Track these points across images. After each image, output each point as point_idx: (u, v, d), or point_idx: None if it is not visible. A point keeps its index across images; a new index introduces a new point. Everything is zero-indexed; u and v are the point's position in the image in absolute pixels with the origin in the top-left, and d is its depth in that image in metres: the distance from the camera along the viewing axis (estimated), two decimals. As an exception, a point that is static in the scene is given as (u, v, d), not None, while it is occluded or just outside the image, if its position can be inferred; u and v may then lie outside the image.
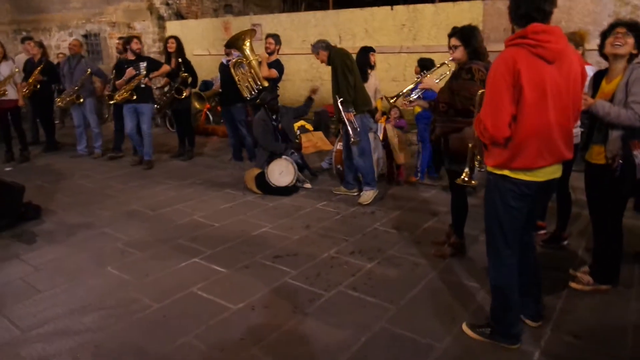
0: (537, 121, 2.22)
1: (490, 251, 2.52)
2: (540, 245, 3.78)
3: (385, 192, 5.26)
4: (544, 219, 4.03)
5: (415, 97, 3.62)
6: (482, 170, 2.78)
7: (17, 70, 6.61)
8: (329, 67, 4.92)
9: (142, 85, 6.30)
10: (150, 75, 6.36)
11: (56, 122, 9.92)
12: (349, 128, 4.72)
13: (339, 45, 8.40)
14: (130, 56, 6.35)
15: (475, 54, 3.29)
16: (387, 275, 3.36)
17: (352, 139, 4.72)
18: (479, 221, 4.17)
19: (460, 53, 3.34)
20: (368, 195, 4.88)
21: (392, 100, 3.87)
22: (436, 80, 3.61)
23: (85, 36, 11.06)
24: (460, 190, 3.60)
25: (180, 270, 3.49)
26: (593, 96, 3.12)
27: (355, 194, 5.09)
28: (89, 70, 6.75)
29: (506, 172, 2.31)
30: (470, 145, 2.84)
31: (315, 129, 7.99)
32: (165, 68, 6.61)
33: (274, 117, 5.49)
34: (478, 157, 2.84)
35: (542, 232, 3.99)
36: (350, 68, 4.73)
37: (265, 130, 5.39)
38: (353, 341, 2.60)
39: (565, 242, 3.79)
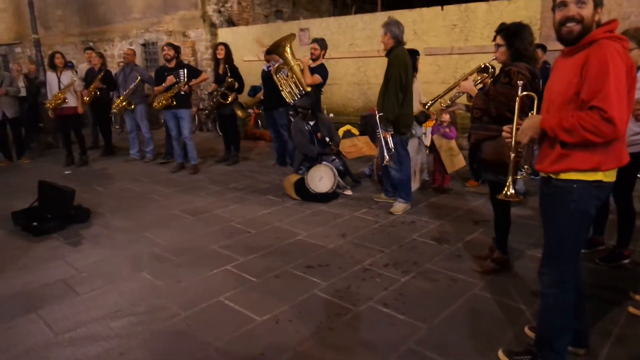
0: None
1: (554, 267, 2.20)
2: (597, 263, 3.44)
3: (429, 200, 5.03)
4: (602, 234, 3.67)
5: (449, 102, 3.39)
6: (530, 177, 2.49)
7: (75, 79, 6.99)
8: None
9: (182, 93, 6.44)
10: (190, 83, 6.50)
11: (116, 127, 10.50)
12: (384, 147, 4.48)
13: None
14: (171, 64, 6.51)
15: (517, 55, 3.03)
16: (422, 291, 3.17)
17: (385, 159, 4.50)
18: (526, 234, 3.92)
19: (502, 53, 3.10)
20: (400, 207, 4.70)
21: (427, 106, 3.67)
22: (477, 83, 3.37)
23: (144, 45, 11.58)
24: (503, 203, 3.32)
25: (211, 277, 3.49)
26: None
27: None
28: (139, 77, 7.01)
29: (600, 177, 2.02)
30: (512, 155, 2.56)
31: (361, 134, 7.84)
32: (204, 76, 6.78)
33: (310, 123, 5.42)
34: (525, 167, 2.57)
35: (601, 248, 3.63)
36: (403, 84, 4.39)
37: (301, 133, 5.35)
38: (377, 362, 2.45)
39: (627, 261, 3.41)
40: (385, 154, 4.48)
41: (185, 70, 6.53)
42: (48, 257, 3.96)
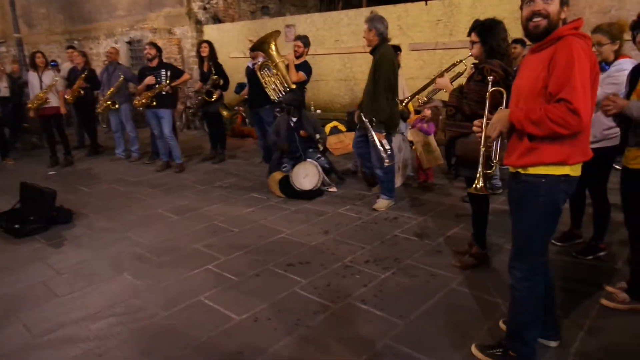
0: (592, 110, 2.05)
1: (525, 261, 2.23)
2: (573, 256, 3.49)
3: (413, 195, 5.07)
4: (579, 227, 3.72)
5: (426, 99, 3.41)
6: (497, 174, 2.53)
7: (57, 79, 6.93)
8: (363, 67, 4.68)
9: (163, 93, 6.42)
10: (172, 84, 6.46)
11: (103, 126, 10.40)
12: (380, 149, 4.39)
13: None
14: (153, 63, 6.47)
15: (492, 52, 3.05)
16: (401, 287, 3.20)
17: (385, 163, 4.45)
18: (505, 229, 3.93)
19: (477, 50, 3.12)
20: (384, 203, 4.73)
21: (403, 104, 3.69)
22: (453, 80, 3.39)
23: (129, 42, 11.49)
24: (480, 198, 3.36)
25: (192, 277, 3.49)
26: (630, 93, 2.82)
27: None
28: (122, 76, 6.96)
29: (567, 171, 2.06)
30: (482, 149, 2.58)
31: (348, 130, 7.86)
32: (186, 77, 6.78)
33: (293, 119, 5.43)
34: (495, 160, 2.59)
35: (578, 241, 3.68)
36: (392, 85, 4.36)
37: (276, 129, 5.39)
38: (353, 359, 2.48)
39: (602, 254, 3.46)
40: (384, 155, 4.41)
41: (167, 70, 6.48)
42: (29, 259, 3.94)
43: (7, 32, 14.55)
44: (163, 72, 6.44)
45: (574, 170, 2.09)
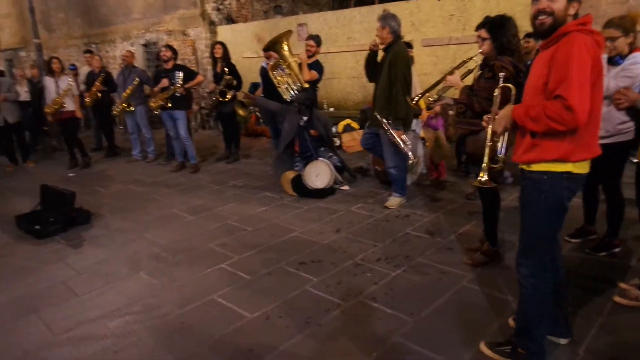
0: (597, 107, 2.07)
1: (531, 258, 2.24)
2: (587, 252, 3.45)
3: (425, 193, 5.06)
4: (593, 223, 3.67)
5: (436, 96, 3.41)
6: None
7: (72, 84, 7.09)
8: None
9: (177, 94, 6.52)
10: (185, 85, 6.56)
11: (120, 127, 10.60)
12: (402, 146, 4.40)
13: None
14: (168, 65, 6.57)
15: (502, 49, 3.04)
16: (411, 285, 3.22)
17: (410, 159, 4.49)
18: (516, 226, 3.92)
19: (487, 46, 3.11)
20: (395, 201, 4.74)
21: (413, 102, 3.69)
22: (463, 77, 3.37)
23: (145, 45, 11.66)
24: (491, 194, 3.35)
25: (206, 276, 3.57)
26: None
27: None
28: (137, 79, 7.09)
29: (569, 168, 2.06)
30: (489, 144, 2.58)
31: (361, 127, 7.86)
32: (199, 79, 6.87)
33: (304, 118, 5.47)
34: (500, 156, 2.59)
35: (592, 237, 3.64)
36: (408, 81, 4.37)
37: (291, 129, 5.43)
38: (364, 356, 2.51)
39: (616, 250, 3.42)
40: (406, 151, 4.41)
41: (181, 72, 6.58)
42: (49, 259, 4.07)
43: (27, 37, 14.92)
44: (177, 74, 6.54)
45: (578, 168, 2.08)
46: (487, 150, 2.49)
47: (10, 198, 5.98)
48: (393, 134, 4.40)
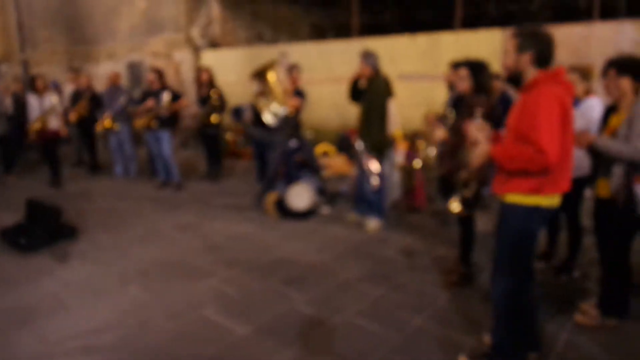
0: (568, 149, 2.35)
1: (502, 278, 2.52)
2: (550, 275, 3.77)
3: (401, 218, 5.35)
4: (554, 248, 4.02)
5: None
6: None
7: (55, 104, 7.14)
8: None
9: (162, 116, 6.70)
10: (170, 108, 6.72)
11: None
12: (371, 174, 4.78)
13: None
14: (156, 86, 6.75)
15: (479, 87, 3.40)
16: (393, 303, 3.44)
17: (373, 184, 4.82)
18: (489, 249, 4.23)
19: (466, 85, 3.46)
20: (375, 224, 4.97)
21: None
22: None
23: (129, 65, 11.78)
24: (467, 220, 3.67)
25: (196, 291, 3.70)
26: (602, 130, 3.15)
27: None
28: (123, 99, 7.27)
29: (539, 201, 2.34)
30: (464, 175, 2.91)
31: (339, 151, 8.19)
32: (185, 102, 7.06)
33: (292, 145, 5.73)
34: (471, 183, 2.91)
35: (553, 261, 3.98)
36: (383, 113, 4.76)
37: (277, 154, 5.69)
38: (349, 367, 2.71)
39: (575, 273, 3.76)
40: (372, 179, 4.77)
41: (167, 94, 6.75)
42: (37, 273, 4.11)
43: (9, 51, 14.77)
44: (162, 95, 6.71)
45: (548, 201, 2.38)
46: (461, 180, 2.81)
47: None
48: (364, 159, 4.76)
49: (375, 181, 4.77)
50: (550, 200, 2.40)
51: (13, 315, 3.39)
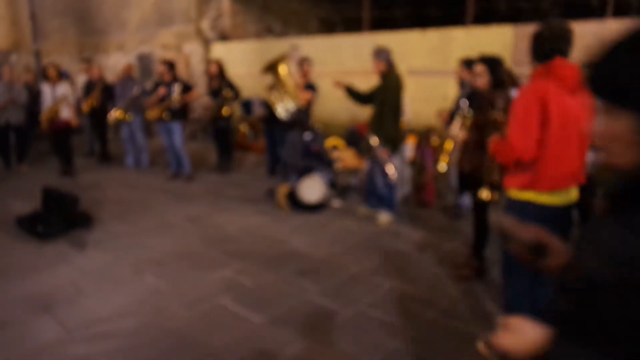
0: (561, 145, 2.36)
1: (512, 274, 2.59)
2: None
3: (412, 212, 5.39)
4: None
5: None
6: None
7: (68, 94, 7.22)
8: (362, 88, 5.11)
9: (172, 107, 6.75)
10: (180, 99, 6.77)
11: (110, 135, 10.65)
12: (386, 166, 4.86)
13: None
14: (167, 78, 6.80)
15: (497, 83, 3.42)
16: (405, 296, 3.50)
17: (391, 175, 4.90)
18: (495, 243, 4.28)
19: (484, 81, 3.48)
20: (386, 217, 5.02)
21: None
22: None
23: (139, 57, 11.83)
24: (481, 214, 3.71)
25: (211, 281, 3.76)
26: None
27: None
28: (136, 89, 7.33)
29: (532, 196, 2.40)
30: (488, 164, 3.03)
31: (348, 145, 8.22)
32: (196, 93, 7.11)
33: (305, 136, 5.77)
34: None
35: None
36: (397, 107, 4.80)
37: (293, 146, 5.70)
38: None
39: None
40: (388, 170, 4.86)
41: (178, 85, 6.80)
42: (55, 260, 4.19)
43: (20, 41, 14.85)
44: (173, 87, 6.76)
45: (542, 198, 2.41)
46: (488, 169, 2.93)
47: (6, 200, 6.02)
48: (378, 153, 4.80)
49: (391, 171, 4.82)
50: (550, 197, 2.42)
51: (32, 302, 3.47)
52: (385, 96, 4.78)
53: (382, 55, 4.80)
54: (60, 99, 7.10)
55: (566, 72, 2.37)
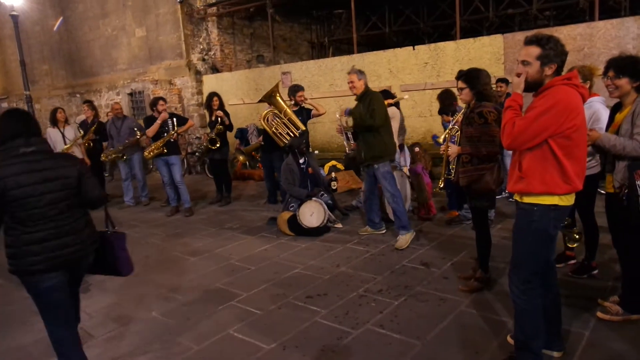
0: (582, 146, 2.42)
1: (519, 276, 2.56)
2: (569, 275, 3.79)
3: (416, 228, 5.38)
4: (572, 249, 4.04)
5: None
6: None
7: (81, 133, 7.32)
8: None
9: (172, 140, 6.81)
10: (178, 131, 6.86)
11: (106, 175, 10.70)
12: (345, 137, 5.08)
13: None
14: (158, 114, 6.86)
15: (480, 96, 3.48)
16: (414, 312, 3.47)
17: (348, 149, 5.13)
18: (507, 254, 4.26)
19: (467, 95, 3.55)
20: (404, 239, 4.83)
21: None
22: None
23: (131, 94, 11.97)
24: (484, 226, 3.72)
25: (219, 313, 3.73)
26: (609, 126, 3.20)
27: (383, 231, 5.24)
28: (137, 130, 7.44)
29: (556, 201, 2.39)
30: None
31: (346, 168, 8.25)
32: (190, 123, 7.21)
33: (301, 160, 5.80)
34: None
35: (572, 262, 4.00)
36: (386, 119, 4.90)
37: (291, 176, 5.71)
38: (379, 378, 2.73)
39: (595, 272, 3.77)
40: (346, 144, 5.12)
41: (175, 119, 6.88)
42: (59, 304, 4.14)
43: (10, 88, 15.04)
44: (170, 121, 6.82)
45: (564, 201, 2.43)
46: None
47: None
48: (344, 132, 5.08)
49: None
50: (567, 199, 2.43)
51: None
52: (372, 106, 4.76)
53: (361, 74, 4.90)
54: (74, 141, 7.21)
55: (578, 81, 2.43)
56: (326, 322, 3.42)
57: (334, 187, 5.96)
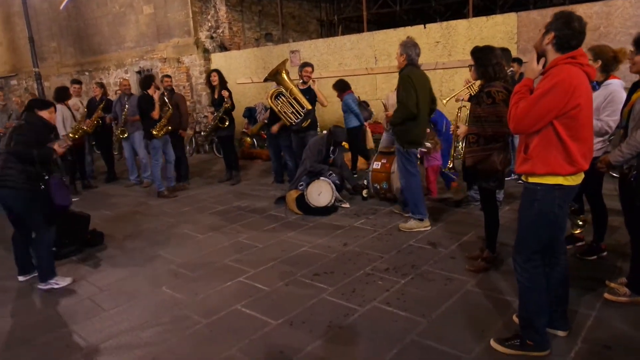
0: (588, 126, 2.39)
1: (522, 253, 2.58)
2: (578, 257, 3.79)
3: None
4: (581, 232, 4.02)
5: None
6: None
7: (80, 105, 7.43)
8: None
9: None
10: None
11: (115, 153, 10.75)
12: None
13: (375, 66, 8.65)
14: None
15: (485, 74, 3.41)
16: (420, 290, 3.49)
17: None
18: (513, 234, 4.25)
19: (473, 73, 3.50)
20: (410, 224, 4.75)
21: None
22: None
23: (139, 72, 11.94)
24: (492, 206, 3.70)
25: (226, 289, 3.78)
26: (626, 104, 3.13)
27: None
28: (127, 107, 7.45)
29: (560, 181, 2.38)
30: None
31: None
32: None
33: (331, 149, 5.83)
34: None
35: (580, 243, 3.98)
36: (409, 102, 4.45)
37: (317, 155, 5.73)
38: (384, 353, 2.76)
39: (604, 253, 3.76)
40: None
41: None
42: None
43: (18, 65, 15.06)
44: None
45: (569, 180, 2.41)
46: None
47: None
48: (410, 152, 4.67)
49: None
50: (572, 179, 2.42)
51: (54, 318, 3.51)
52: (399, 92, 4.55)
53: (406, 48, 4.59)
54: (82, 115, 7.34)
55: (584, 60, 2.38)
56: (333, 299, 3.45)
57: (365, 195, 5.95)
